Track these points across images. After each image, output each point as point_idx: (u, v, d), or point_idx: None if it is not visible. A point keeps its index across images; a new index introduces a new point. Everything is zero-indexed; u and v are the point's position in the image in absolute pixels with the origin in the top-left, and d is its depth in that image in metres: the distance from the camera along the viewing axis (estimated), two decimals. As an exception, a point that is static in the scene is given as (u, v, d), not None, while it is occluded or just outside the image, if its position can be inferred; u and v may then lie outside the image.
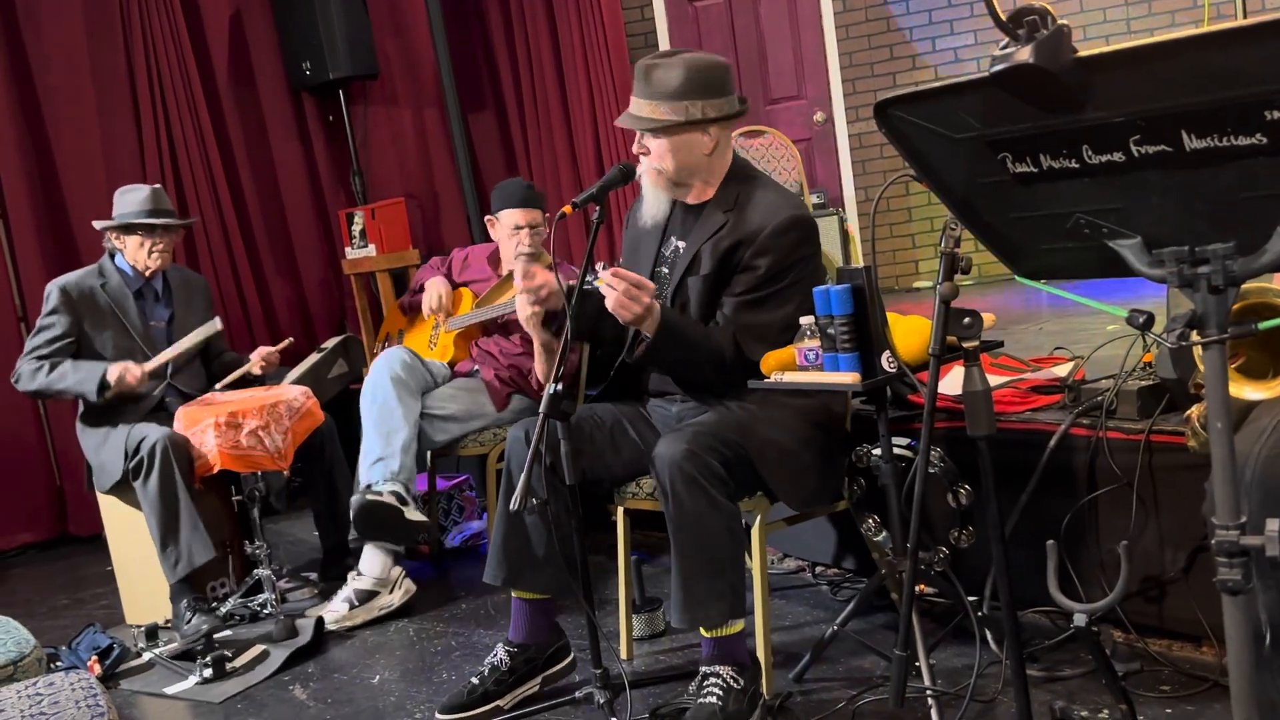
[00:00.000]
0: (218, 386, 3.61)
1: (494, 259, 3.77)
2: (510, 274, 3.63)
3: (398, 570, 3.34)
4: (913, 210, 5.88)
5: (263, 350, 3.73)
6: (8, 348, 4.45)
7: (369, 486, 3.22)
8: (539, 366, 2.87)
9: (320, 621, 3.19)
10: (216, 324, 3.59)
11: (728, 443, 2.31)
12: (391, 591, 3.30)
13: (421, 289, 3.89)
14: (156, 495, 3.21)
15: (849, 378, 2.20)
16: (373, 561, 3.29)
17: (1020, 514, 2.48)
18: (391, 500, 3.18)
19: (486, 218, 3.64)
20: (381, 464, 3.24)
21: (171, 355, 3.53)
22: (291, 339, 3.96)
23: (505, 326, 3.64)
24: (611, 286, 2.31)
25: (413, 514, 3.20)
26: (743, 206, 2.49)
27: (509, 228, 3.54)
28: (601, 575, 3.31)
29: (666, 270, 2.62)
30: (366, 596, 3.26)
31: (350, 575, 3.33)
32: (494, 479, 3.52)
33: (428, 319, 3.87)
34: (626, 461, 2.59)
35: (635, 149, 2.51)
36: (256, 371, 3.69)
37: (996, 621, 2.41)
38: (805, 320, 2.29)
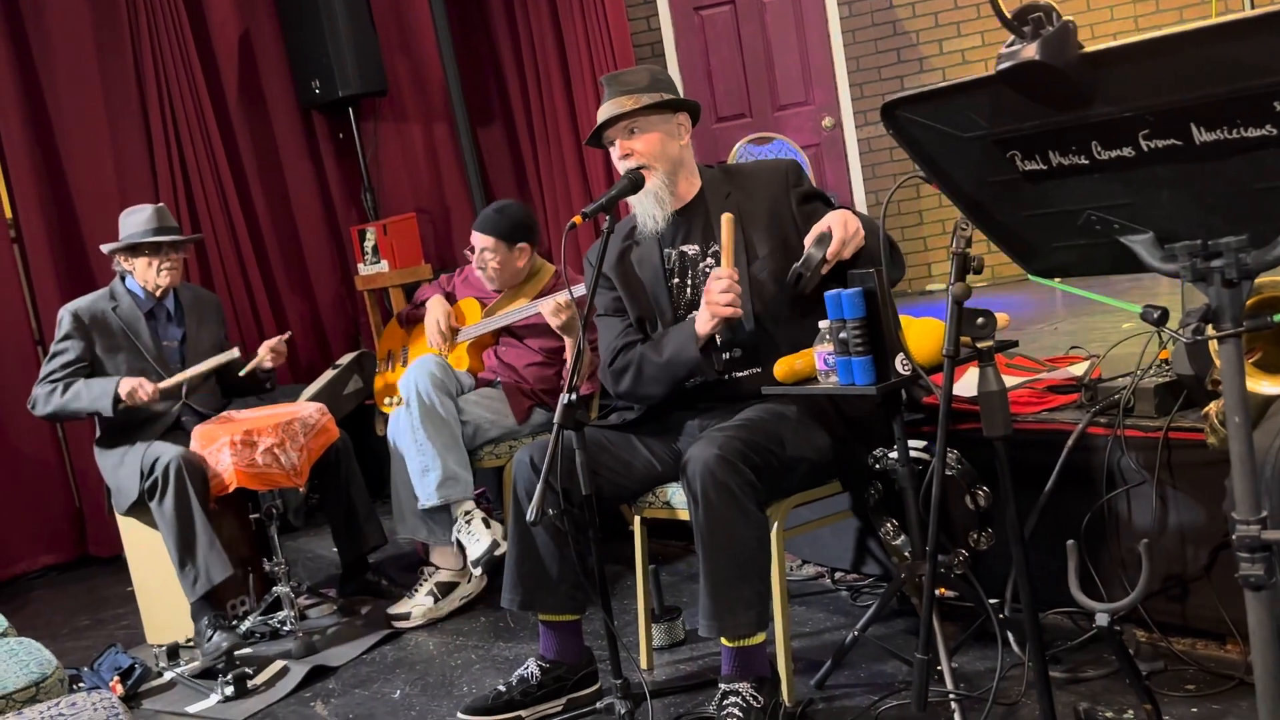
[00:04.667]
0: (240, 374, 3.64)
1: None
2: (517, 286, 3.68)
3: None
4: (924, 213, 5.87)
5: (269, 343, 3.72)
6: (25, 370, 4.48)
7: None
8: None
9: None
10: (235, 352, 3.61)
11: (759, 449, 2.29)
12: (469, 581, 3.42)
13: (422, 304, 3.90)
14: (172, 514, 3.22)
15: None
16: (445, 556, 3.42)
17: (1039, 514, 2.47)
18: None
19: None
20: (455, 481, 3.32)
21: (186, 377, 3.55)
22: (290, 333, 3.97)
23: (521, 333, 3.66)
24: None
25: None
26: (737, 184, 2.61)
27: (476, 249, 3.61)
28: (618, 585, 3.30)
29: (678, 280, 2.63)
30: (448, 588, 3.40)
31: (425, 571, 3.43)
32: (510, 490, 3.52)
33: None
34: (639, 478, 2.58)
35: (620, 158, 2.57)
36: (269, 364, 3.68)
37: (1018, 623, 2.40)
38: (825, 325, 2.28)
